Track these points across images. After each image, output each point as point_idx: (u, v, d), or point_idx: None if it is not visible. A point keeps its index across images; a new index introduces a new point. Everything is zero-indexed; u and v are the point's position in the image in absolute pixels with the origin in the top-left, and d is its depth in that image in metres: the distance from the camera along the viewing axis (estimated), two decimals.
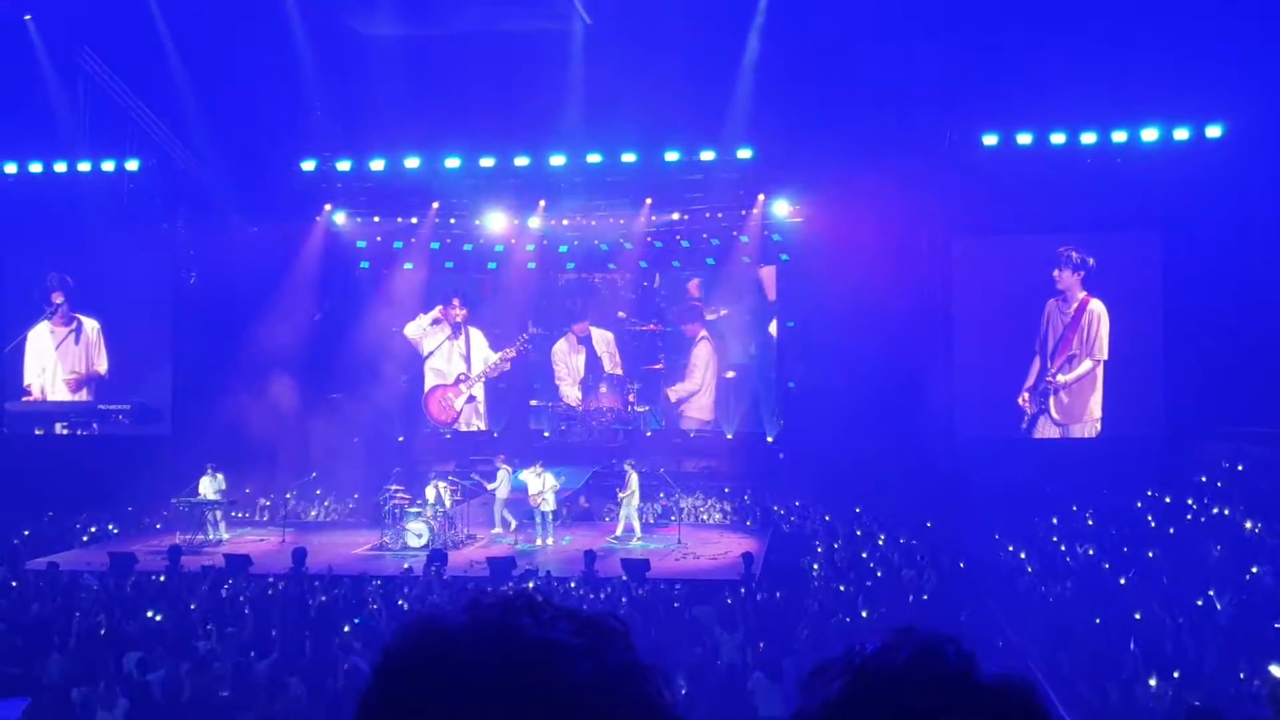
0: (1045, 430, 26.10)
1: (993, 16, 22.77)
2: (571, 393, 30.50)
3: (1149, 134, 24.67)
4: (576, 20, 23.30)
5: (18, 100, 25.63)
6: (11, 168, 27.34)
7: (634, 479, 22.87)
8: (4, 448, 28.08)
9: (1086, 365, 25.97)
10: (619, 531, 22.62)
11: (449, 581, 18.05)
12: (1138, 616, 15.83)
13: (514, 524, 22.96)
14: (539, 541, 22.19)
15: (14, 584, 18.45)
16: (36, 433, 28.73)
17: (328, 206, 28.90)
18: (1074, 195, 24.77)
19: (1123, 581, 17.96)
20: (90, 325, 29.04)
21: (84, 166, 26.85)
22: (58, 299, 28.91)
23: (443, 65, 24.39)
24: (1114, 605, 16.56)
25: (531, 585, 17.65)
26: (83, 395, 29.06)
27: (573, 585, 17.83)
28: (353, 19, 24.03)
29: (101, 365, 29.03)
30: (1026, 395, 26.18)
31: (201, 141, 26.64)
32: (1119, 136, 24.79)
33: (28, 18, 24.31)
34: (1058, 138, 24.92)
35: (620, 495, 22.96)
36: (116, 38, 25.04)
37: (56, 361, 29.10)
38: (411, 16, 23.15)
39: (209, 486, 23.08)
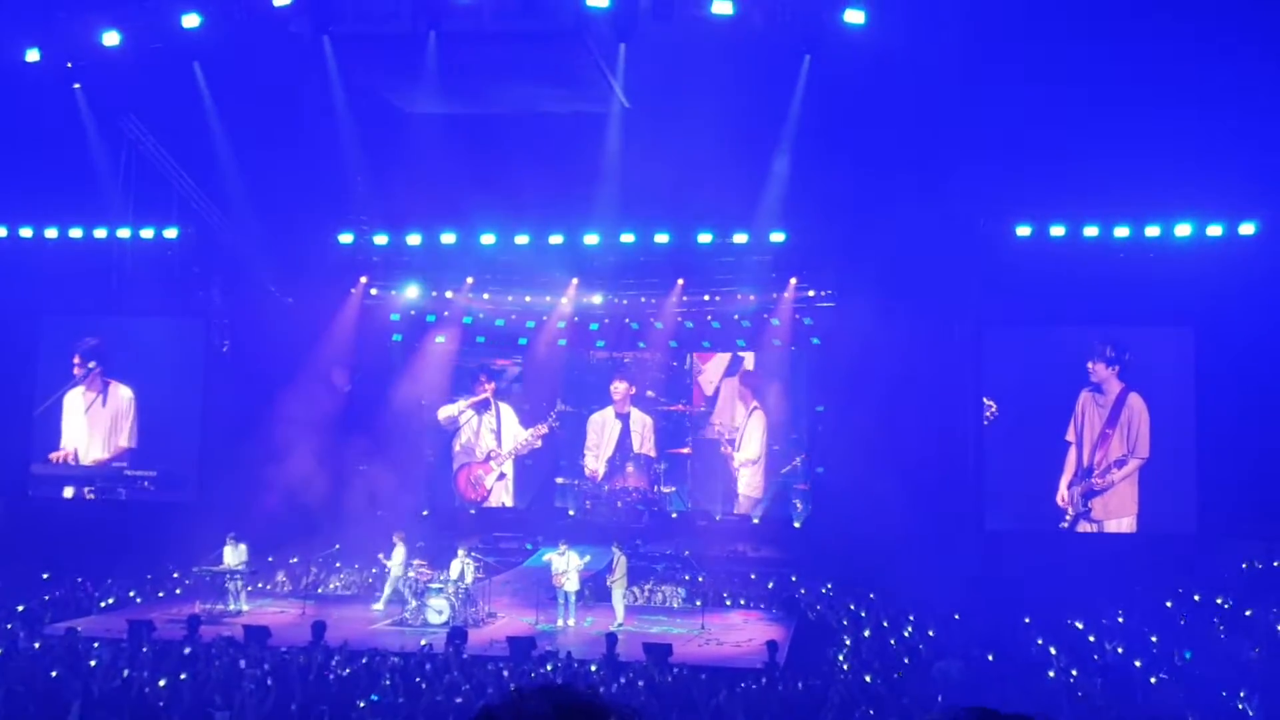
0: (1084, 528, 25.75)
1: (1028, 108, 22.91)
2: (593, 464, 30.39)
3: (1182, 229, 24.64)
4: (615, 103, 23.60)
5: (63, 166, 26.08)
6: (52, 232, 27.78)
7: (622, 563, 22.63)
8: (29, 511, 28.13)
9: (1133, 465, 25.65)
10: (619, 620, 22.05)
11: (468, 660, 17.87)
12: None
13: (382, 606, 22.83)
14: (560, 622, 21.95)
15: (35, 646, 18.37)
16: (66, 494, 28.75)
17: (363, 279, 29.18)
18: (1106, 288, 24.72)
19: (1154, 681, 17.61)
20: (123, 394, 29.08)
21: (124, 233, 27.22)
22: (86, 363, 29.00)
23: (481, 143, 24.70)
24: (1145, 704, 16.22)
25: (550, 667, 17.46)
26: (102, 459, 29.05)
27: (594, 668, 17.60)
28: (395, 96, 24.40)
29: (125, 439, 28.90)
30: (1066, 493, 25.83)
31: (241, 211, 27.00)
32: (1152, 231, 24.79)
33: (76, 86, 24.78)
34: (1091, 230, 24.95)
35: (609, 580, 22.68)
36: (161, 107, 25.50)
37: (87, 428, 29.19)
38: (453, 96, 23.48)
39: (231, 555, 23.01)
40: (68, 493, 28.80)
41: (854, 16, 20.33)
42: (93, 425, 29.12)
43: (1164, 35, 21.25)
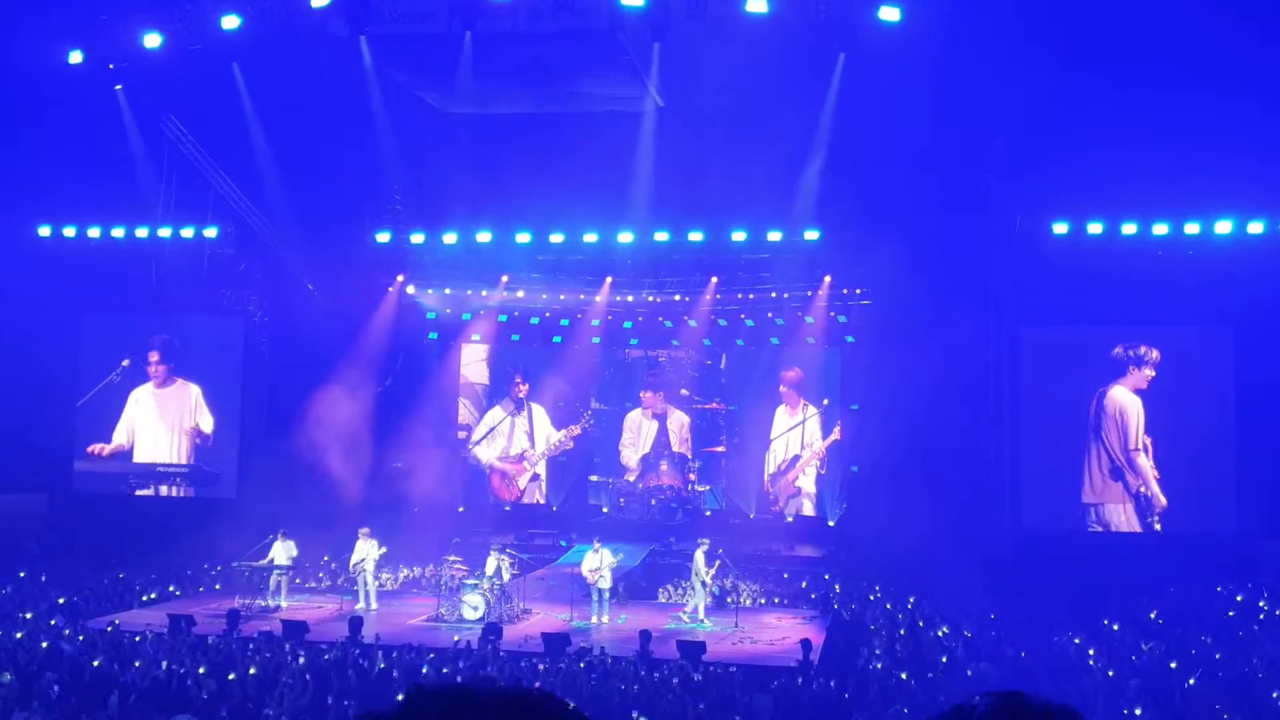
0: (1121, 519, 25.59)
1: (1065, 105, 22.78)
2: (631, 459, 30.47)
3: (1222, 227, 24.37)
4: (649, 102, 23.65)
5: (105, 167, 26.45)
6: (95, 232, 28.16)
7: (699, 558, 22.51)
8: (73, 506, 28.51)
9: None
10: (688, 610, 22.20)
11: (504, 656, 17.98)
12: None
13: (370, 605, 22.54)
14: (594, 619, 22.03)
15: (78, 640, 18.61)
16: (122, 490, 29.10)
17: (400, 277, 29.39)
18: (1145, 287, 24.48)
19: (1191, 682, 17.46)
20: (194, 390, 29.24)
21: (164, 232, 27.55)
22: (154, 357, 29.22)
23: (516, 142, 24.84)
24: (1180, 706, 16.11)
25: (583, 665, 17.54)
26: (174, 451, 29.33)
27: (627, 665, 17.65)
28: (431, 96, 24.57)
29: (207, 424, 29.09)
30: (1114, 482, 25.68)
31: (279, 210, 27.26)
32: (1192, 229, 24.52)
33: (118, 87, 25.11)
34: (1129, 228, 24.72)
35: (701, 576, 22.50)
36: (201, 107, 25.80)
37: (158, 421, 29.32)
38: (488, 96, 23.64)
39: (281, 551, 23.17)
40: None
41: (889, 14, 20.29)
42: (160, 419, 29.29)
43: (1204, 31, 21.07)
